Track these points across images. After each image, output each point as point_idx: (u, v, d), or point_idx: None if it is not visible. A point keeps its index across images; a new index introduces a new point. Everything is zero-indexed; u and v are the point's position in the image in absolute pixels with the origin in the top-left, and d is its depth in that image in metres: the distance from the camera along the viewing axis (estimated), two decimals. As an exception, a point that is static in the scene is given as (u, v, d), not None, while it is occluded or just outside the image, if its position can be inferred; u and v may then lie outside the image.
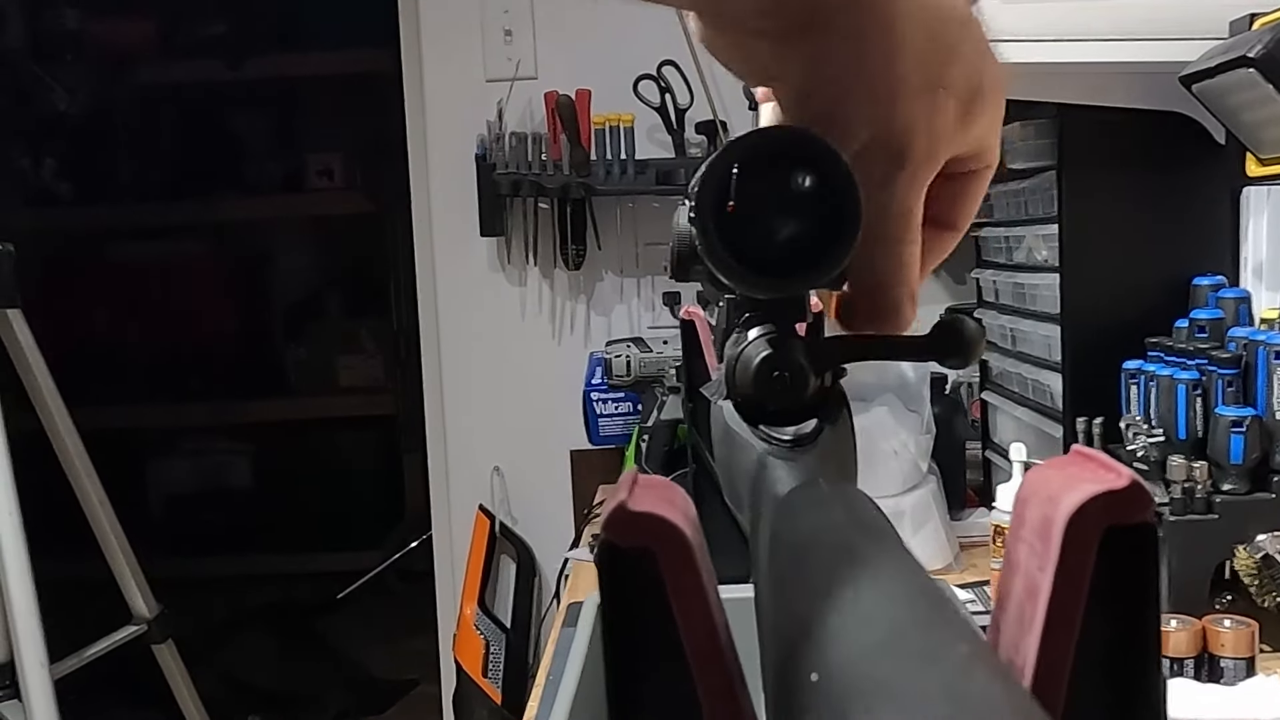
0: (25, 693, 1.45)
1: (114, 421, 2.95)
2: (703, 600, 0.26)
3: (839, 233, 0.32)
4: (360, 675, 3.06)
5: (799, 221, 0.33)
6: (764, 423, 0.35)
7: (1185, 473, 1.01)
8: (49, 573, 1.56)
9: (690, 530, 0.27)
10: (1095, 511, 0.24)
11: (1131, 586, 0.25)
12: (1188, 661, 0.92)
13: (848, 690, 0.19)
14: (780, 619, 0.26)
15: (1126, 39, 1.11)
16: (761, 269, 0.33)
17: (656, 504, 0.27)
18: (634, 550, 0.26)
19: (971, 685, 0.18)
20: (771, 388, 0.34)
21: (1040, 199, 1.29)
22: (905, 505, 1.29)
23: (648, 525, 0.26)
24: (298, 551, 3.18)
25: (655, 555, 0.26)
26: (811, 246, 0.32)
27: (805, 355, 0.35)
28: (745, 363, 0.35)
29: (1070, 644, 0.25)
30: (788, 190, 0.32)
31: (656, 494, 0.28)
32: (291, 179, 3.21)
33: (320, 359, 3.27)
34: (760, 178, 0.32)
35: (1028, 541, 0.26)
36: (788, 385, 0.34)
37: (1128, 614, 0.25)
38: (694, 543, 0.27)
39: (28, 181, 3.10)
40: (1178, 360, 1.09)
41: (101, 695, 2.32)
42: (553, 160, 1.88)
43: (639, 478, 0.28)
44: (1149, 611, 0.25)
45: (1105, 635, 0.25)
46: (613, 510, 0.26)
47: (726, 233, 0.32)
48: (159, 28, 3.06)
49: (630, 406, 1.74)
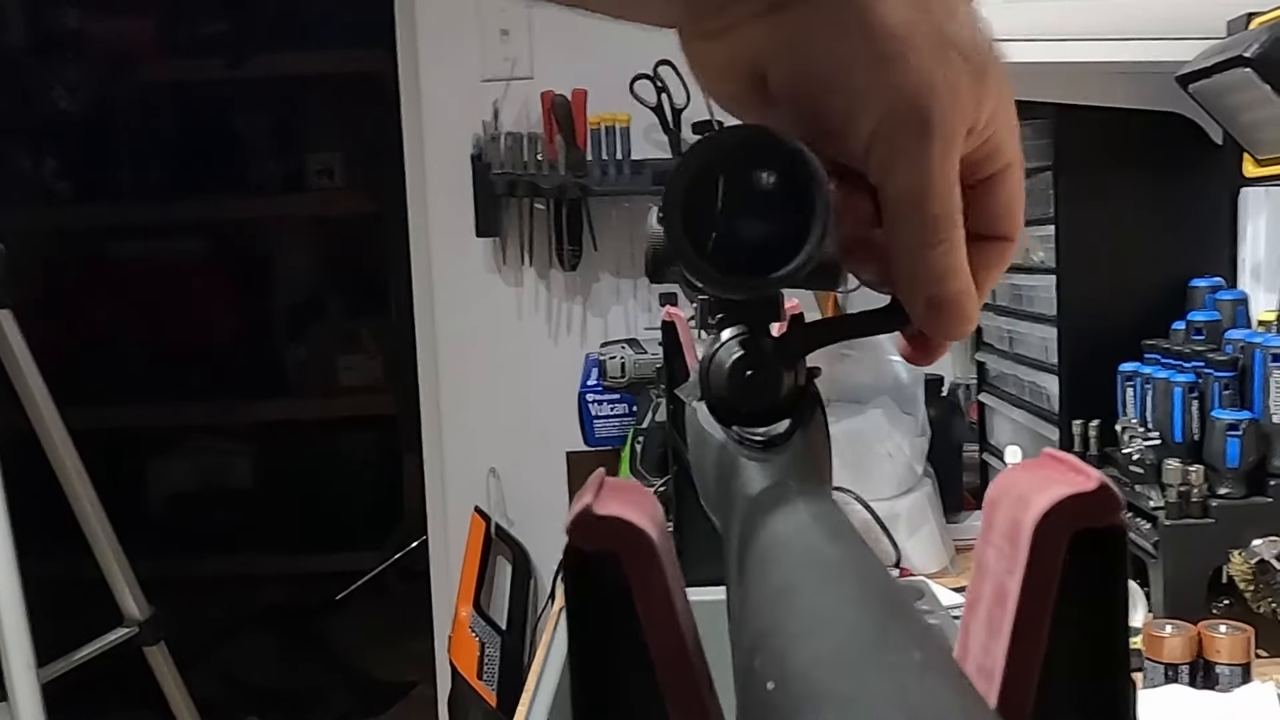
0: (12, 695, 1.44)
1: (114, 421, 2.95)
2: (668, 604, 0.26)
3: (807, 231, 0.32)
4: (359, 676, 3.06)
5: (767, 221, 0.33)
6: (737, 424, 0.35)
7: (1181, 476, 1.00)
8: (44, 573, 1.56)
9: (656, 534, 0.26)
10: (1064, 514, 0.24)
11: (1101, 591, 0.25)
12: (1183, 667, 0.92)
13: (800, 699, 0.19)
14: (744, 625, 0.26)
15: (1123, 38, 1.11)
16: (731, 269, 0.32)
17: (623, 507, 0.26)
18: (599, 554, 0.26)
19: (924, 693, 0.17)
20: (745, 389, 0.34)
21: (1036, 200, 1.29)
22: (900, 508, 1.29)
23: (613, 529, 0.26)
24: (298, 551, 3.18)
25: (620, 559, 0.26)
26: (781, 246, 0.32)
27: (777, 354, 0.34)
28: (718, 364, 0.34)
29: (1039, 649, 0.24)
30: (754, 190, 0.32)
31: (623, 497, 0.27)
32: (291, 178, 3.21)
33: (321, 359, 3.27)
34: (727, 178, 0.32)
35: (996, 545, 0.26)
36: (761, 386, 0.34)
37: (1097, 619, 0.25)
38: (660, 546, 0.26)
39: (28, 180, 3.10)
40: (1174, 363, 1.09)
41: (97, 696, 2.32)
42: (549, 160, 1.88)
43: (605, 480, 0.28)
44: (1118, 616, 0.25)
45: (1074, 640, 0.25)
46: (578, 513, 0.26)
47: (695, 235, 0.32)
48: (159, 26, 3.05)
49: (626, 408, 1.74)
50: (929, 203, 0.33)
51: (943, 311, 0.35)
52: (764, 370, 0.34)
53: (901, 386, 1.35)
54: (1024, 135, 1.24)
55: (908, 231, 0.34)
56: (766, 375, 0.34)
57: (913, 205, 0.34)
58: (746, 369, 0.34)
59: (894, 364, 1.37)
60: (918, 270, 0.34)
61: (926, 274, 0.34)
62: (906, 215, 0.34)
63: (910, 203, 0.34)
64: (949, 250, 0.34)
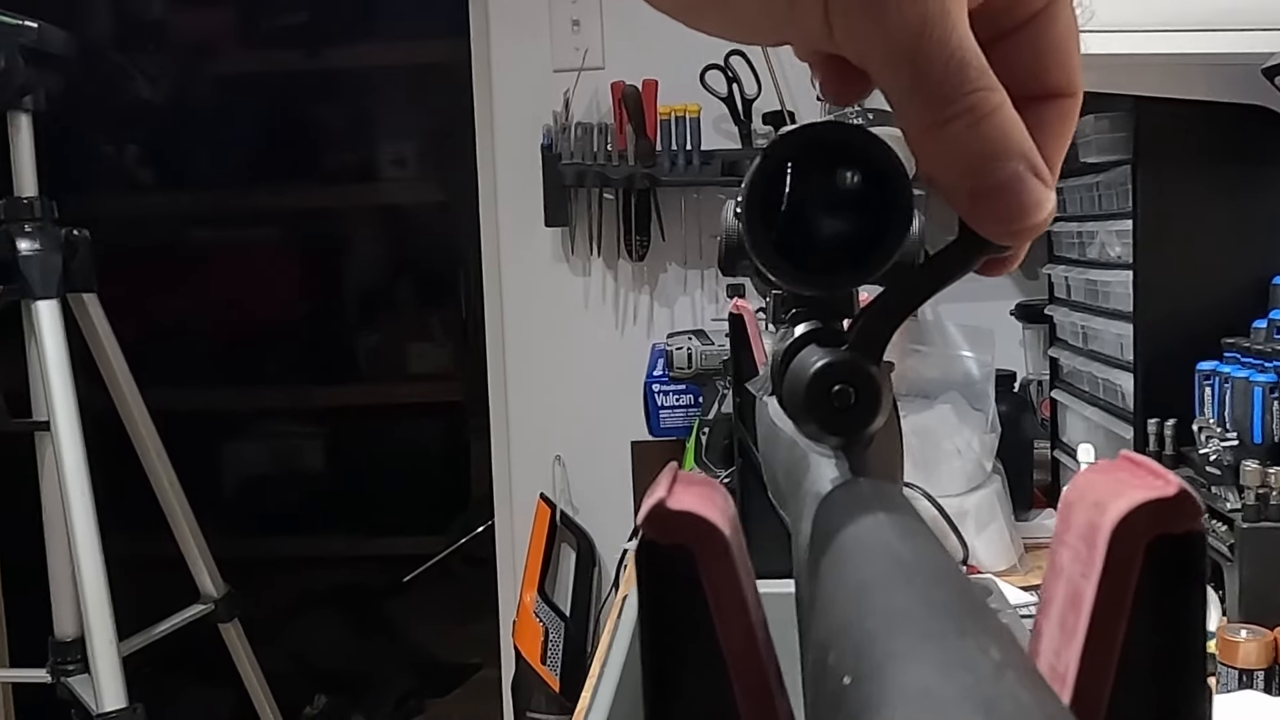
0: (94, 668, 1.49)
1: (191, 403, 3.02)
2: (740, 600, 0.26)
3: (889, 228, 0.31)
4: (424, 658, 3.11)
5: (848, 218, 0.32)
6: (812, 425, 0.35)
7: (1259, 478, 0.98)
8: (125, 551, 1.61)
9: (729, 529, 0.27)
10: (1142, 520, 0.24)
11: (1178, 597, 0.24)
12: (1258, 673, 0.90)
13: (878, 694, 0.19)
14: (817, 620, 0.26)
15: (1206, 29, 1.08)
16: (809, 267, 0.32)
17: (696, 502, 0.27)
18: (672, 548, 0.26)
19: (1001, 691, 0.17)
20: (826, 403, 0.33)
21: (1114, 193, 1.26)
22: (968, 505, 1.27)
23: (686, 523, 0.26)
24: (367, 534, 3.23)
25: (693, 554, 0.26)
26: (861, 243, 0.32)
27: (858, 361, 0.33)
28: (797, 373, 0.33)
29: (1113, 655, 0.24)
30: (836, 186, 0.31)
31: (696, 492, 0.27)
32: (366, 167, 3.26)
33: (392, 346, 3.32)
34: (809, 174, 0.32)
35: (1072, 546, 0.26)
36: (845, 400, 0.33)
37: (1174, 626, 0.24)
38: (733, 542, 0.27)
39: (112, 168, 3.18)
40: (1255, 362, 1.06)
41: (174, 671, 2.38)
42: (618, 151, 1.88)
43: (679, 474, 0.28)
44: (1195, 624, 0.24)
45: (1150, 647, 0.24)
46: (652, 507, 0.26)
47: (773, 230, 0.32)
48: (239, 18, 3.12)
49: (691, 399, 1.74)
50: (919, 62, 0.25)
51: (996, 202, 0.26)
52: (848, 383, 0.33)
53: (971, 382, 1.33)
54: (1101, 128, 1.23)
55: (909, 110, 0.26)
56: (852, 389, 0.33)
57: (896, 71, 0.26)
58: (832, 384, 0.32)
59: (964, 359, 1.36)
60: (938, 159, 0.26)
61: (953, 160, 0.26)
62: (896, 89, 0.26)
63: (893, 68, 0.26)
64: (977, 121, 0.25)
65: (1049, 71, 0.29)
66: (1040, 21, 0.28)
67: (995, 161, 0.26)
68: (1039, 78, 0.29)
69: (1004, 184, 0.26)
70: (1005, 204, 0.26)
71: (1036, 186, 0.26)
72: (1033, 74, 0.29)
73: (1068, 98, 0.29)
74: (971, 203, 0.26)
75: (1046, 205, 0.26)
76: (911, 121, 0.26)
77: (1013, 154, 0.26)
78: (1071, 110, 0.29)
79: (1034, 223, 0.26)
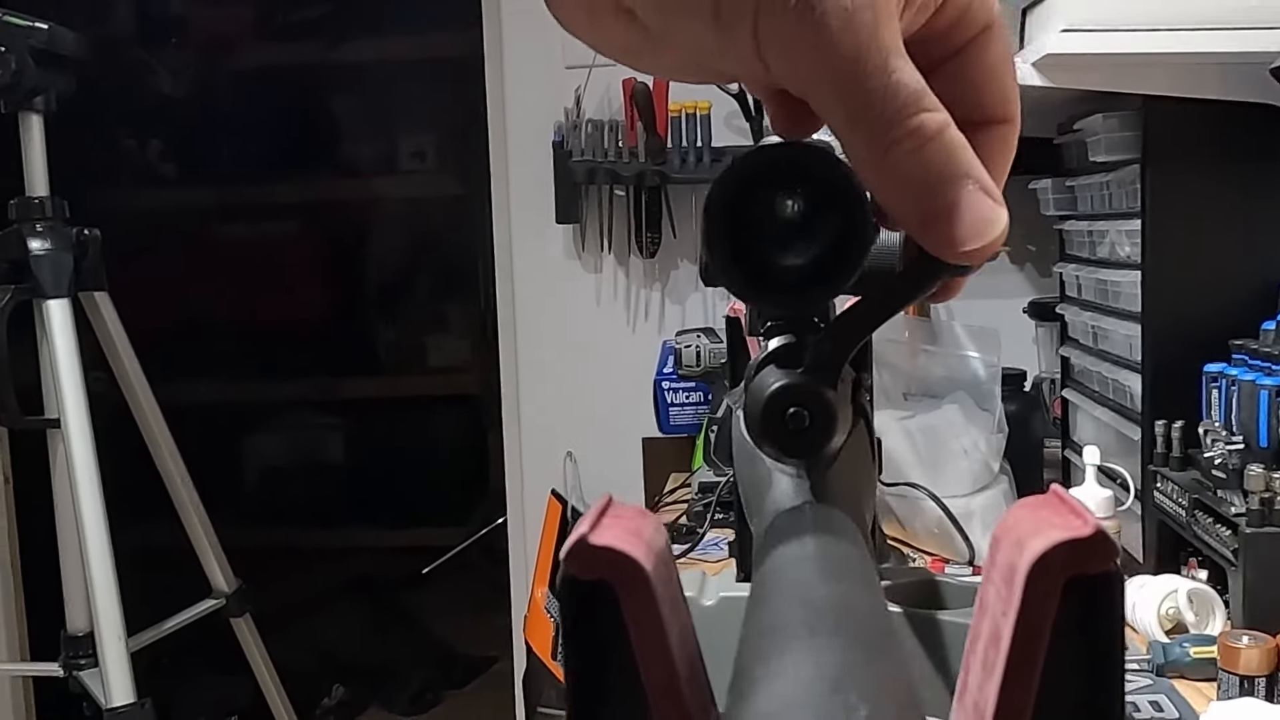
0: (103, 663, 1.51)
1: (212, 396, 3.05)
2: (660, 635, 0.26)
3: (850, 246, 0.31)
4: (442, 650, 3.12)
5: (809, 237, 0.32)
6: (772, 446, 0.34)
7: (1264, 483, 0.97)
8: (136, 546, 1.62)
9: (653, 563, 0.27)
10: (1057, 560, 0.24)
11: (1095, 636, 0.24)
12: (1259, 680, 0.89)
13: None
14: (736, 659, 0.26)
15: (1215, 28, 1.07)
16: (777, 283, 0.32)
17: (619, 536, 0.26)
18: (592, 583, 0.26)
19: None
20: (780, 425, 0.33)
21: (1124, 193, 1.25)
22: (975, 506, 1.27)
23: (606, 559, 0.26)
24: (385, 526, 3.25)
25: (614, 588, 0.26)
26: (824, 260, 0.31)
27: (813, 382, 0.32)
28: (757, 390, 0.33)
29: (1030, 692, 0.24)
30: (795, 206, 0.31)
31: (624, 525, 0.27)
32: (385, 161, 3.27)
33: (410, 338, 3.33)
34: (767, 194, 0.32)
35: (995, 584, 0.26)
36: (798, 423, 0.32)
37: (1091, 665, 0.24)
38: (655, 577, 0.26)
39: (133, 162, 3.21)
40: (1262, 365, 1.05)
41: (195, 659, 2.40)
42: (629, 147, 1.88)
43: (610, 506, 0.28)
44: (1112, 662, 0.24)
45: (1067, 685, 0.24)
46: (573, 543, 0.26)
47: (735, 252, 0.31)
48: (258, 12, 3.13)
49: (701, 396, 1.74)
50: (858, 90, 0.25)
51: (949, 224, 0.25)
52: (803, 406, 0.32)
53: (978, 382, 1.33)
54: (1110, 127, 1.21)
55: (853, 139, 0.26)
56: (807, 412, 0.32)
57: (836, 101, 0.25)
58: (786, 406, 0.32)
59: (971, 360, 1.35)
60: (888, 186, 0.26)
61: (901, 185, 0.26)
62: (837, 119, 0.26)
63: (832, 98, 0.25)
64: (922, 144, 0.25)
65: (986, 98, 0.29)
66: (974, 49, 0.28)
67: (944, 183, 0.25)
68: (977, 105, 0.29)
69: (955, 205, 0.25)
70: (959, 225, 0.25)
71: (988, 205, 0.26)
72: (970, 101, 0.29)
73: (1006, 124, 0.29)
74: (924, 226, 0.26)
75: (999, 224, 0.26)
76: (857, 150, 0.26)
77: (961, 175, 0.25)
78: (1010, 136, 0.29)
79: (988, 241, 0.26)
